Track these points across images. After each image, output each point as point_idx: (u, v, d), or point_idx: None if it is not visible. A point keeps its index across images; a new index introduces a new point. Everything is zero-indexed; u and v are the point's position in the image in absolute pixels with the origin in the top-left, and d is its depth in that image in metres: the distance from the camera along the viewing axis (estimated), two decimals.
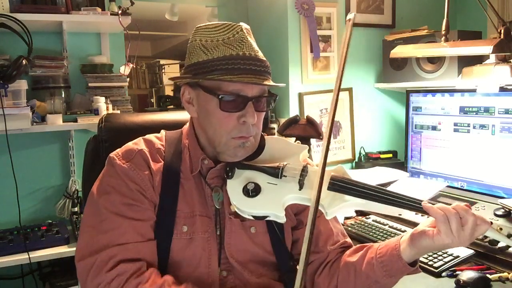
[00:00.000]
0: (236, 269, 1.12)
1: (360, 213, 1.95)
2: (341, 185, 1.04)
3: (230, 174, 1.08)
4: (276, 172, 1.07)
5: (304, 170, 1.07)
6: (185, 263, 1.09)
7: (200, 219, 1.10)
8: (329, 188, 1.04)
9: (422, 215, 1.05)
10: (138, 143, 1.14)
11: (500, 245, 1.47)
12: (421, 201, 1.01)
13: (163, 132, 1.21)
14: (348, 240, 1.24)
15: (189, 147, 1.14)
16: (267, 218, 1.04)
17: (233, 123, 1.05)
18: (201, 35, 1.07)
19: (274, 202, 1.04)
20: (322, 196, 0.96)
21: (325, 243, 1.18)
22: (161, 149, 1.14)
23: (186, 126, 1.20)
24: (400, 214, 1.66)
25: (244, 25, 1.08)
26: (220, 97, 1.02)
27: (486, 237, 1.52)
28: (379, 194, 1.03)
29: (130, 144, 1.15)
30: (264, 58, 1.07)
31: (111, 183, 1.07)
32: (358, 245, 1.17)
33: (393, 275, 1.05)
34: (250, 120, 1.04)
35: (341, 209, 1.04)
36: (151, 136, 1.18)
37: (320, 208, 1.01)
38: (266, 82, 1.05)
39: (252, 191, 1.04)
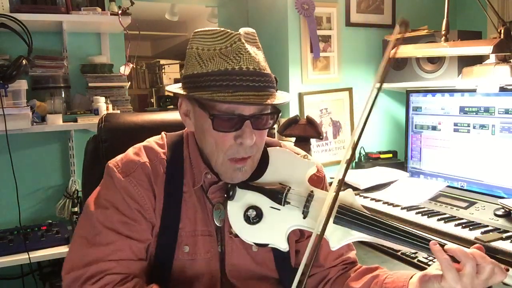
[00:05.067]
0: (237, 287, 1.09)
1: None
2: (348, 220, 0.98)
3: (231, 193, 1.01)
4: (279, 198, 1.00)
5: (308, 200, 1.00)
6: (187, 283, 1.05)
7: (202, 239, 1.05)
8: (335, 222, 0.98)
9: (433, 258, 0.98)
10: (140, 154, 1.06)
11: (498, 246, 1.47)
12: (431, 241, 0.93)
13: (164, 136, 1.13)
14: (352, 255, 1.18)
15: (191, 158, 1.08)
16: (269, 246, 1.01)
17: (229, 143, 0.97)
18: (198, 42, 0.98)
19: (276, 231, 0.99)
20: (326, 229, 0.92)
21: (326, 257, 1.14)
22: (164, 159, 1.06)
23: (188, 130, 1.12)
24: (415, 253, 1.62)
25: (245, 30, 0.99)
26: (212, 117, 0.94)
27: (486, 236, 1.52)
28: (389, 232, 0.96)
29: (131, 155, 1.06)
30: (267, 71, 0.97)
31: (109, 197, 1.02)
32: (364, 268, 1.13)
33: None
34: (248, 142, 0.95)
35: (346, 243, 1.00)
36: (152, 143, 1.10)
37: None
38: (267, 100, 0.94)
39: (254, 218, 0.99)
